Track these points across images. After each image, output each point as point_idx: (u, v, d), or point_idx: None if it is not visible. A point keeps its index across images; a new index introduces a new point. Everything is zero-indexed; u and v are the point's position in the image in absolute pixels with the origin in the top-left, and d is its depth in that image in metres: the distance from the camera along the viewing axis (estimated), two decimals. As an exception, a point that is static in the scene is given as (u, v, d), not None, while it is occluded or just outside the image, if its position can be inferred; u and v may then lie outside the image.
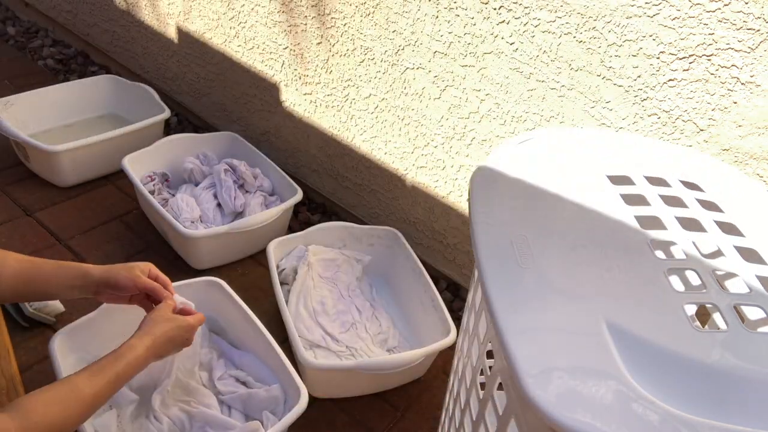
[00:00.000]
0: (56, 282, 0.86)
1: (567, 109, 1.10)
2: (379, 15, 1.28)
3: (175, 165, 1.60)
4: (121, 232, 1.50)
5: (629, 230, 0.62)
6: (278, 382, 1.07)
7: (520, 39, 1.10)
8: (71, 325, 1.02)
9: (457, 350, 0.82)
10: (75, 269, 0.87)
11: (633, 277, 0.56)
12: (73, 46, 2.28)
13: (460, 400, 0.76)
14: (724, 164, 0.78)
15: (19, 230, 1.44)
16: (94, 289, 0.88)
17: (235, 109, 1.80)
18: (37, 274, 0.85)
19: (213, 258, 1.43)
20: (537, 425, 0.49)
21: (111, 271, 0.88)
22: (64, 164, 1.55)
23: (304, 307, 1.28)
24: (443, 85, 1.25)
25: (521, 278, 0.56)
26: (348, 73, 1.42)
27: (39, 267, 0.85)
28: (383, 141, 1.44)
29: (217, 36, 1.69)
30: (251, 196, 1.55)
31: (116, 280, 0.88)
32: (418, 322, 1.33)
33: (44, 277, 0.85)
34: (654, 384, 0.47)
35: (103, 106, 1.87)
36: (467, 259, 1.41)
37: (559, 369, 0.48)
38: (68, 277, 0.86)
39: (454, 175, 1.34)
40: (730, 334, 0.52)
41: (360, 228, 1.43)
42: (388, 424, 1.17)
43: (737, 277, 0.58)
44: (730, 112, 0.93)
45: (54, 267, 0.86)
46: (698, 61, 0.93)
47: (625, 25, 0.97)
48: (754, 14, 0.85)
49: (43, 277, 0.85)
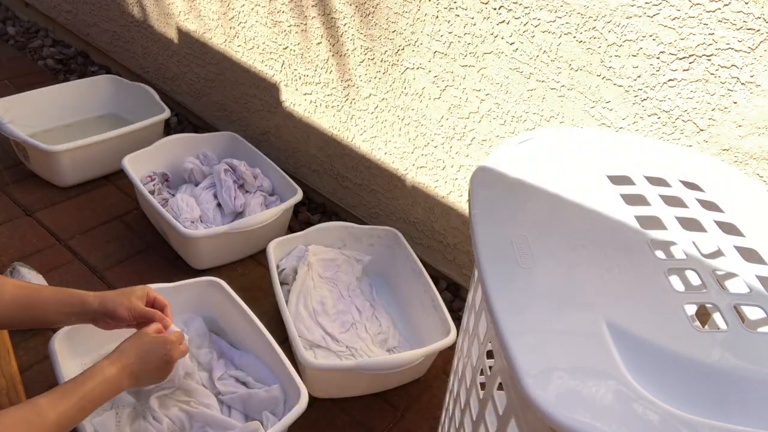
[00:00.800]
0: (55, 309, 0.85)
1: (567, 109, 1.10)
2: (379, 15, 1.28)
3: (175, 165, 1.60)
4: (121, 232, 1.50)
5: (629, 230, 0.62)
6: (278, 382, 1.07)
7: (520, 39, 1.10)
8: (71, 325, 1.02)
9: (457, 350, 0.82)
10: (73, 297, 0.86)
11: (633, 277, 0.56)
12: (73, 46, 2.28)
13: (460, 400, 0.76)
14: (724, 164, 0.78)
15: (19, 230, 1.44)
16: (92, 318, 0.88)
17: (235, 109, 1.80)
18: (35, 299, 0.84)
19: (213, 258, 1.43)
20: (537, 425, 0.49)
21: (108, 302, 0.87)
22: (64, 164, 1.55)
23: (304, 307, 1.28)
24: (443, 85, 1.25)
25: (521, 278, 0.56)
26: (348, 73, 1.42)
27: (38, 292, 0.84)
28: (383, 141, 1.44)
29: (217, 36, 1.69)
30: (251, 196, 1.55)
31: (114, 311, 0.87)
32: (418, 322, 1.33)
33: (43, 303, 0.84)
34: (654, 384, 0.47)
35: (103, 106, 1.87)
36: (467, 259, 1.41)
37: (559, 369, 0.48)
38: (66, 305, 0.85)
39: (454, 175, 1.34)
40: (730, 334, 0.52)
41: (360, 228, 1.43)
42: (388, 424, 1.17)
43: (737, 277, 0.58)
44: (730, 112, 0.93)
45: (52, 293, 0.85)
46: (698, 61, 0.93)
47: (625, 25, 0.97)
48: (754, 14, 0.85)
49: (41, 304, 0.84)
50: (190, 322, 1.18)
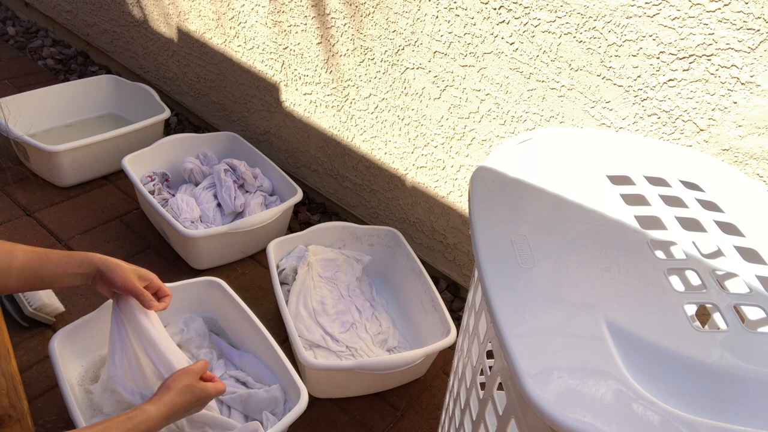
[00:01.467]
0: (63, 271, 0.87)
1: (567, 109, 1.10)
2: (379, 15, 1.28)
3: (175, 165, 1.60)
4: (121, 232, 1.50)
5: (629, 230, 0.62)
6: (278, 383, 1.07)
7: (520, 39, 1.10)
8: (71, 325, 1.02)
9: (457, 350, 0.82)
10: (80, 255, 0.90)
11: (633, 277, 0.56)
12: (73, 46, 2.28)
13: (460, 400, 0.76)
14: (724, 164, 0.78)
15: (19, 230, 1.44)
16: (93, 274, 0.90)
17: (235, 109, 1.80)
18: (45, 262, 0.87)
19: (213, 258, 1.43)
20: (537, 425, 0.49)
21: (109, 262, 0.90)
22: (64, 164, 1.55)
23: (304, 307, 1.28)
24: (443, 85, 1.25)
25: (521, 278, 0.56)
26: (348, 73, 1.42)
27: (47, 256, 0.87)
28: (383, 141, 1.44)
29: (217, 36, 1.69)
30: (251, 196, 1.55)
31: (111, 271, 0.90)
32: (418, 322, 1.33)
33: (52, 266, 0.87)
34: (654, 384, 0.47)
35: (103, 106, 1.87)
36: (467, 259, 1.41)
37: (559, 369, 0.48)
38: (72, 264, 0.89)
39: (454, 175, 1.34)
40: (730, 334, 0.52)
41: (360, 228, 1.43)
42: (388, 424, 1.17)
43: (737, 277, 0.58)
44: (730, 112, 0.93)
45: (61, 255, 0.89)
46: (698, 61, 0.93)
47: (625, 25, 0.97)
48: (754, 14, 0.85)
49: (50, 267, 0.87)
50: (190, 322, 1.18)
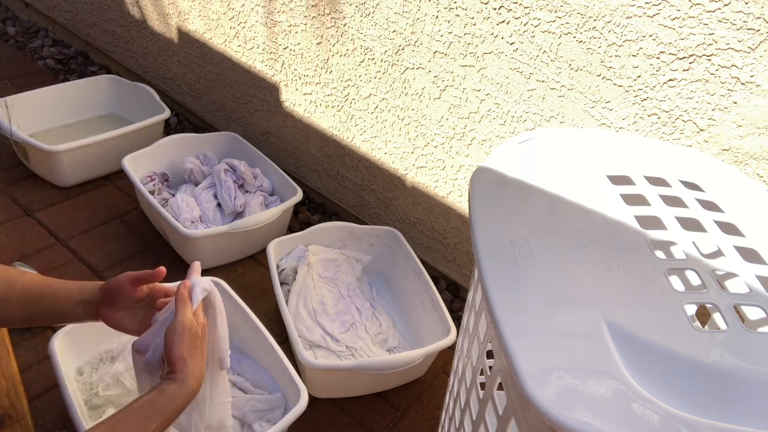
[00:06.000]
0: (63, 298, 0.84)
1: (567, 109, 1.10)
2: (379, 15, 1.28)
3: (175, 165, 1.60)
4: (121, 232, 1.50)
5: (629, 230, 0.62)
6: (278, 390, 1.06)
7: (520, 39, 1.10)
8: (71, 325, 1.02)
9: (457, 350, 0.82)
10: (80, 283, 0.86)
11: (633, 277, 0.56)
12: (73, 46, 2.28)
13: (460, 400, 0.76)
14: (724, 164, 0.78)
15: (19, 230, 1.44)
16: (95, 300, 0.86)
17: (235, 109, 1.80)
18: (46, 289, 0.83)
19: (213, 258, 1.43)
20: (537, 425, 0.49)
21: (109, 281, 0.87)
22: (64, 164, 1.55)
23: (304, 307, 1.28)
24: (443, 85, 1.25)
25: (521, 278, 0.56)
26: (348, 73, 1.42)
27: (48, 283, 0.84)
28: (383, 141, 1.44)
29: (217, 36, 1.69)
30: (251, 196, 1.55)
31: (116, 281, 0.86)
32: (418, 322, 1.33)
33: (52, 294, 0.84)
34: (654, 384, 0.47)
35: (103, 106, 1.87)
36: (467, 259, 1.41)
37: (559, 369, 0.48)
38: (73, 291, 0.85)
39: (454, 175, 1.34)
40: (730, 334, 0.52)
41: (360, 228, 1.43)
42: (388, 424, 1.17)
43: (737, 277, 0.58)
44: (730, 112, 0.93)
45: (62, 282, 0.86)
46: (698, 61, 0.93)
47: (625, 25, 0.97)
48: (754, 14, 0.85)
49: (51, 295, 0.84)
50: (190, 322, 1.17)
